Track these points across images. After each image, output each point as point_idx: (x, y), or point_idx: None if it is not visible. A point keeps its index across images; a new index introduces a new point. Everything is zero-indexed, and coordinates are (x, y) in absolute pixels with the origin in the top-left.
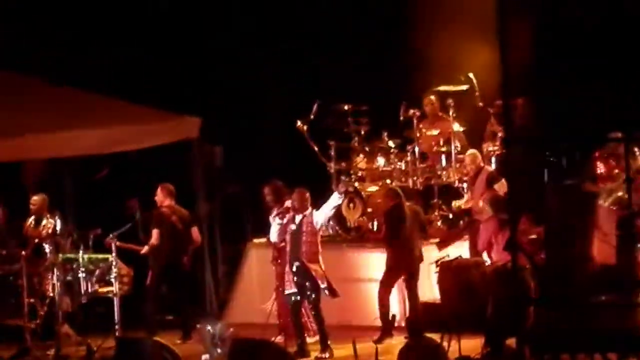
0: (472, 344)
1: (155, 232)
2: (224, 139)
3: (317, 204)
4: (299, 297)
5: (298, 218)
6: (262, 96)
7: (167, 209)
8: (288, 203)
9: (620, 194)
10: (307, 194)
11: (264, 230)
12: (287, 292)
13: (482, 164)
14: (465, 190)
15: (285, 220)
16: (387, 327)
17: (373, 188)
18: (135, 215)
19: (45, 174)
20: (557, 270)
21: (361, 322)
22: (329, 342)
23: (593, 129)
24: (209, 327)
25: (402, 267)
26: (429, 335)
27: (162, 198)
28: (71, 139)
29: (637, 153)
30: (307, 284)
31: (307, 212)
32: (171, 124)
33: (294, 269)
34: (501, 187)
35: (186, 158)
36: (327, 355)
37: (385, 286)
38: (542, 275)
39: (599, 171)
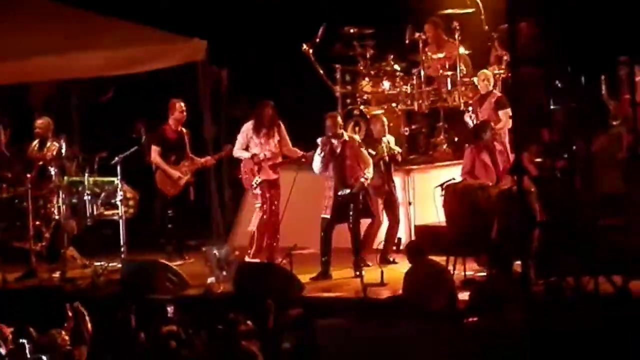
0: (477, 267)
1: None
2: (230, 61)
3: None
4: (333, 222)
5: (335, 142)
6: (269, 18)
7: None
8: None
9: None
10: (339, 118)
11: None
12: (322, 216)
13: (491, 87)
14: (471, 112)
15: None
16: None
17: (378, 111)
18: (142, 137)
19: (51, 96)
20: (562, 193)
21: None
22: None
23: (599, 52)
24: (214, 250)
25: None
26: (434, 258)
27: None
28: (78, 61)
29: None
30: (351, 209)
31: (346, 137)
32: (178, 46)
33: (340, 194)
34: (506, 114)
35: (192, 81)
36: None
37: None
38: (548, 198)
39: None
